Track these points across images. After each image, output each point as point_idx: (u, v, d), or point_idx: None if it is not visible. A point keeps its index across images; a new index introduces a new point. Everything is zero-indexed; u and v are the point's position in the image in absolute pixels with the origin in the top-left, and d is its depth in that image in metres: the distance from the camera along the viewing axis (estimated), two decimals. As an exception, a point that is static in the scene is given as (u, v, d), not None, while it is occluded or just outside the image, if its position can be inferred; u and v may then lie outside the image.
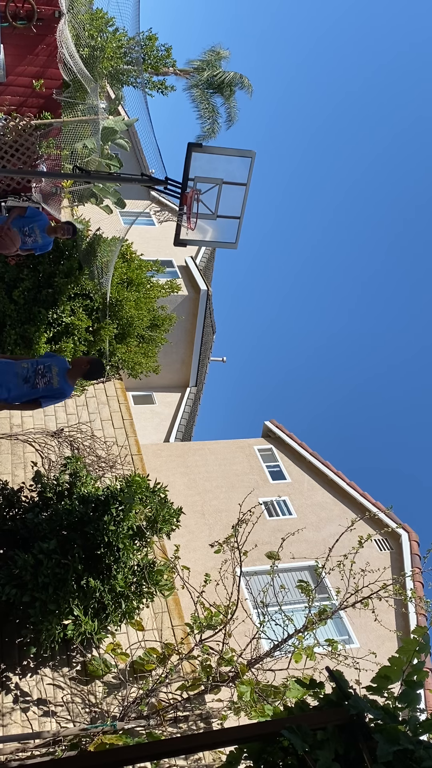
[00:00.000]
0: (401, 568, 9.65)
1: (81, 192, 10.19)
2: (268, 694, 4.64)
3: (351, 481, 11.28)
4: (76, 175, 6.56)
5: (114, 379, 8.75)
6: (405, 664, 2.37)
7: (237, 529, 5.38)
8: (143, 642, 5.40)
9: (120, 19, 10.05)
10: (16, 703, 4.93)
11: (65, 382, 4.70)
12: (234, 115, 18.23)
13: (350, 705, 2.14)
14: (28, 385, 4.62)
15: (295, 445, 12.14)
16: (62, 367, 4.71)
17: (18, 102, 8.82)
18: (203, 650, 5.08)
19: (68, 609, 4.82)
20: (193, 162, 5.16)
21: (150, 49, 13.75)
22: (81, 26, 9.97)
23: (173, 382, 15.01)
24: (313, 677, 2.68)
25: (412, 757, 1.98)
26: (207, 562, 7.41)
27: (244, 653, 5.14)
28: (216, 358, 16.92)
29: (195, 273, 14.44)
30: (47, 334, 7.71)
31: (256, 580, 7.84)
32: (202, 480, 11.20)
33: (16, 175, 8.52)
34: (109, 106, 11.33)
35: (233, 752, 2.28)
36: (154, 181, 5.62)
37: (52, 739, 4.56)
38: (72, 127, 8.79)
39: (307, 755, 1.96)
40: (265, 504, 10.56)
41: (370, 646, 8.29)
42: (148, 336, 9.22)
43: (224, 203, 5.39)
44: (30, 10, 8.00)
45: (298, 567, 9.30)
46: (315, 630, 5.18)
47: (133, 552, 5.13)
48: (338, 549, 5.53)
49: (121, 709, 4.87)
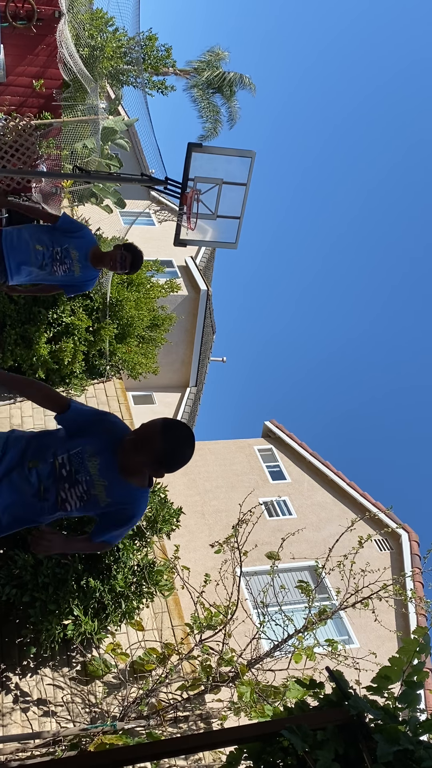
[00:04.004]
0: (401, 568, 9.65)
1: (81, 192, 10.18)
2: (268, 694, 4.64)
3: (351, 481, 11.28)
4: (76, 175, 6.56)
5: (114, 379, 8.76)
6: (405, 665, 2.37)
7: (237, 529, 5.38)
8: (143, 642, 5.40)
9: (120, 19, 10.07)
10: (16, 703, 4.93)
11: (89, 267, 4.14)
12: (236, 115, 18.24)
13: (350, 705, 2.14)
14: (44, 272, 4.19)
15: (295, 445, 12.14)
16: (83, 251, 4.16)
17: (18, 102, 8.82)
18: (203, 650, 5.08)
19: (68, 609, 4.82)
20: (193, 162, 5.16)
21: (150, 49, 13.74)
22: (81, 26, 9.97)
23: (173, 382, 15.00)
24: (313, 677, 2.68)
25: (412, 757, 1.98)
26: (207, 562, 7.41)
27: (244, 653, 5.14)
28: (216, 358, 16.92)
29: (195, 273, 14.44)
30: (47, 334, 7.71)
31: (256, 580, 7.83)
32: (202, 480, 11.19)
33: (16, 175, 8.51)
34: (109, 106, 11.33)
35: (233, 752, 2.28)
36: (154, 181, 5.62)
37: (52, 739, 4.56)
38: (72, 127, 8.79)
39: (307, 755, 1.96)
40: (265, 504, 10.56)
41: (370, 646, 8.29)
42: (148, 336, 9.22)
43: (224, 203, 5.40)
44: (30, 10, 8.00)
45: (298, 567, 9.29)
46: (315, 630, 5.17)
47: (133, 552, 5.13)
48: (338, 549, 5.52)
49: (121, 709, 4.87)
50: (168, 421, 2.39)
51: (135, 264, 4.25)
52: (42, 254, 4.21)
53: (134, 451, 2.40)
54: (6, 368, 7.80)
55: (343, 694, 2.21)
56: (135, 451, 2.39)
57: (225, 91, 17.60)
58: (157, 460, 2.34)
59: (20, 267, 4.21)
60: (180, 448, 2.35)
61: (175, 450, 2.34)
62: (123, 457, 2.44)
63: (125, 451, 2.44)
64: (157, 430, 2.34)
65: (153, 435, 2.34)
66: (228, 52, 17.95)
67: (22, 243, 4.19)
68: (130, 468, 2.46)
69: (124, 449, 2.44)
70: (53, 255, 4.22)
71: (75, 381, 8.26)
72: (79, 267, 4.29)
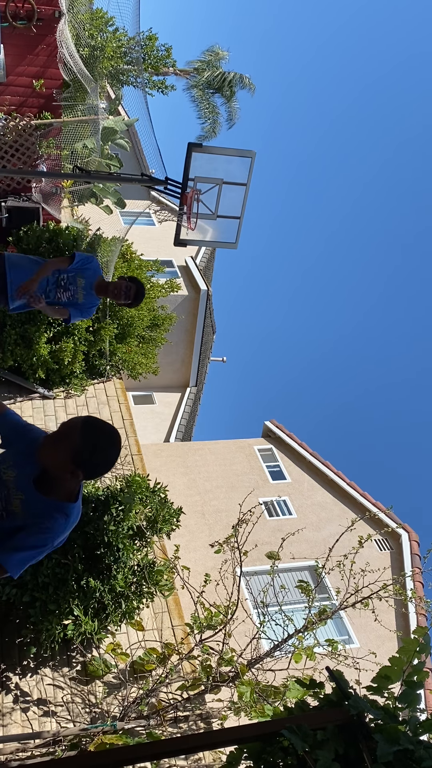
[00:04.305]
0: (401, 568, 9.65)
1: (81, 192, 10.18)
2: (268, 694, 4.64)
3: (351, 481, 11.28)
4: (76, 175, 6.56)
5: (114, 379, 8.76)
6: (405, 665, 2.37)
7: (237, 529, 5.38)
8: (143, 642, 5.40)
9: (120, 18, 10.06)
10: (16, 703, 4.93)
11: (92, 295, 4.21)
12: (235, 115, 18.25)
13: (350, 705, 2.14)
14: (47, 299, 4.25)
15: (295, 445, 12.14)
16: (89, 280, 4.24)
17: (18, 102, 8.82)
18: (203, 650, 5.08)
19: (68, 609, 4.82)
20: (193, 162, 5.17)
21: (150, 49, 13.74)
22: (81, 26, 9.96)
23: (173, 382, 15.00)
24: (313, 677, 2.68)
25: (412, 757, 1.98)
26: (207, 562, 7.41)
27: (244, 653, 5.14)
28: (216, 358, 16.92)
29: (195, 273, 14.44)
30: (47, 334, 7.71)
31: (256, 580, 7.83)
32: (202, 480, 11.19)
33: (16, 175, 8.51)
34: (109, 106, 11.33)
35: (233, 752, 2.28)
36: (154, 181, 5.62)
37: (52, 739, 4.56)
38: (72, 127, 8.79)
39: (307, 755, 1.96)
40: (265, 504, 10.55)
41: (370, 646, 8.28)
42: (148, 336, 9.22)
43: (224, 203, 5.40)
44: (30, 10, 8.00)
45: (298, 567, 9.29)
46: (315, 630, 5.17)
47: (133, 552, 5.13)
48: (338, 549, 5.52)
49: (121, 709, 4.87)
50: (91, 418, 2.23)
51: (138, 296, 4.38)
52: (46, 281, 4.27)
53: (51, 447, 2.22)
54: (6, 368, 7.80)
55: (343, 694, 2.21)
56: (52, 446, 2.21)
57: (225, 91, 17.60)
58: (74, 459, 2.15)
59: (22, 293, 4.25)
60: (100, 446, 2.17)
61: (95, 447, 2.16)
62: (40, 456, 2.26)
63: (42, 447, 2.25)
64: (77, 426, 2.18)
65: (71, 431, 2.17)
66: (228, 52, 17.97)
67: (25, 269, 4.25)
68: (49, 470, 2.26)
69: (42, 445, 2.25)
70: (58, 282, 4.31)
71: (75, 381, 8.27)
72: (82, 294, 4.41)
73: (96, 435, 2.18)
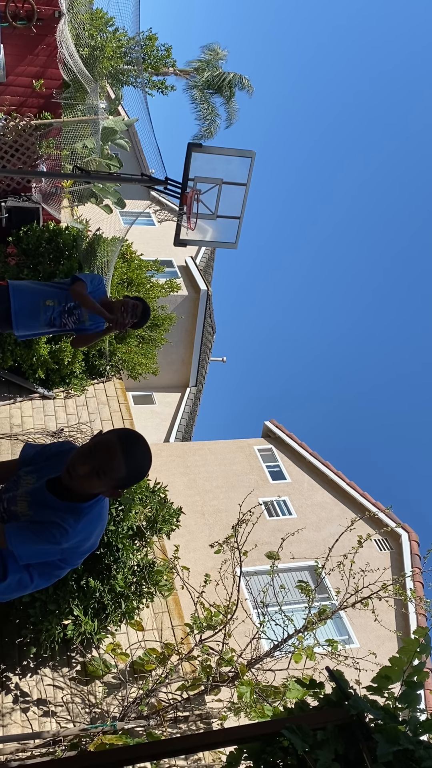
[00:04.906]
0: (401, 568, 9.65)
1: (81, 192, 10.18)
2: (268, 694, 4.64)
3: (351, 481, 11.28)
4: (76, 175, 6.56)
5: (114, 379, 8.76)
6: (405, 665, 2.37)
7: (237, 529, 5.38)
8: (143, 642, 5.40)
9: (120, 18, 10.05)
10: (16, 703, 4.93)
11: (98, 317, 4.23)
12: (233, 115, 18.25)
13: (350, 705, 2.14)
14: (53, 328, 4.28)
15: (295, 445, 12.14)
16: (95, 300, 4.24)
17: (18, 102, 8.81)
18: (203, 650, 5.08)
19: (68, 609, 4.82)
20: (193, 162, 5.17)
21: (150, 49, 13.74)
22: (81, 26, 9.96)
23: (173, 382, 15.00)
24: (313, 677, 2.67)
25: (412, 757, 1.98)
26: (207, 562, 7.41)
27: (244, 653, 5.14)
28: (216, 358, 16.92)
29: (195, 273, 14.43)
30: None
31: (256, 580, 7.83)
32: (202, 480, 11.19)
33: (16, 175, 8.51)
34: (109, 106, 11.33)
35: (233, 752, 2.28)
36: (154, 181, 5.62)
37: (52, 739, 4.56)
38: (72, 127, 8.78)
39: (307, 755, 1.96)
40: (265, 504, 10.56)
41: (370, 646, 8.28)
42: (148, 336, 9.21)
43: (224, 203, 5.40)
44: (30, 10, 7.99)
45: (298, 567, 9.29)
46: (315, 630, 5.17)
47: (132, 552, 5.13)
48: (338, 549, 5.52)
49: (121, 709, 4.87)
50: (125, 441, 2.05)
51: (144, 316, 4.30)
52: (51, 309, 4.27)
53: (88, 480, 2.07)
54: (6, 368, 7.81)
55: (343, 694, 2.21)
56: (88, 479, 2.06)
57: (224, 92, 17.60)
58: (118, 486, 2.09)
59: (27, 322, 4.26)
60: (144, 466, 2.09)
61: (141, 471, 2.08)
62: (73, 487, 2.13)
63: (73, 478, 2.09)
64: (117, 454, 2.02)
65: (113, 461, 2.02)
66: (227, 51, 17.97)
67: (29, 297, 4.25)
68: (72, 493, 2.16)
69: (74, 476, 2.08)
70: (63, 309, 4.30)
71: (75, 381, 8.27)
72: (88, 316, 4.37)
73: (138, 460, 2.07)
